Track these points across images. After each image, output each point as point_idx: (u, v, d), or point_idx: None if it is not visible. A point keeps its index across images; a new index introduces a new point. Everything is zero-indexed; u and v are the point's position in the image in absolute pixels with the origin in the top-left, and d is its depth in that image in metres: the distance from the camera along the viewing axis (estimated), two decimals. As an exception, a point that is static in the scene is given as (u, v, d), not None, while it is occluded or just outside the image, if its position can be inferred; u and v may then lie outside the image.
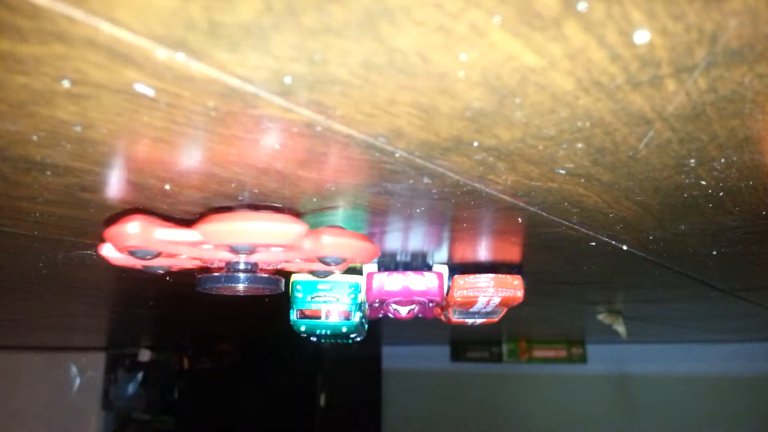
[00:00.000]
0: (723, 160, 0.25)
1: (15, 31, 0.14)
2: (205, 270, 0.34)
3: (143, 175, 0.25)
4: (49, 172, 0.24)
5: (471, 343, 2.02)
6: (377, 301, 0.46)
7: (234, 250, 0.29)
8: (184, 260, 0.33)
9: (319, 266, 0.35)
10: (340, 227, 0.33)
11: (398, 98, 0.19)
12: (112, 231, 0.28)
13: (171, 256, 0.32)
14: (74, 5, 0.14)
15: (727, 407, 1.67)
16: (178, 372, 1.92)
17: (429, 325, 1.22)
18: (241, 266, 0.33)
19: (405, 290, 0.45)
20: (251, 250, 0.29)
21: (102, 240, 0.32)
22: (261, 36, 0.15)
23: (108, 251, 0.32)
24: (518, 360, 1.92)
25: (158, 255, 0.30)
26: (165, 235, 0.28)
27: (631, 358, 1.81)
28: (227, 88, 0.17)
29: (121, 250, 0.29)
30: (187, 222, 0.31)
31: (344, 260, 0.32)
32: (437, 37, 0.15)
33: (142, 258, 0.30)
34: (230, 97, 0.18)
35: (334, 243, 0.31)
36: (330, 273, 0.38)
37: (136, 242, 0.28)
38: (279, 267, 0.36)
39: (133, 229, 0.28)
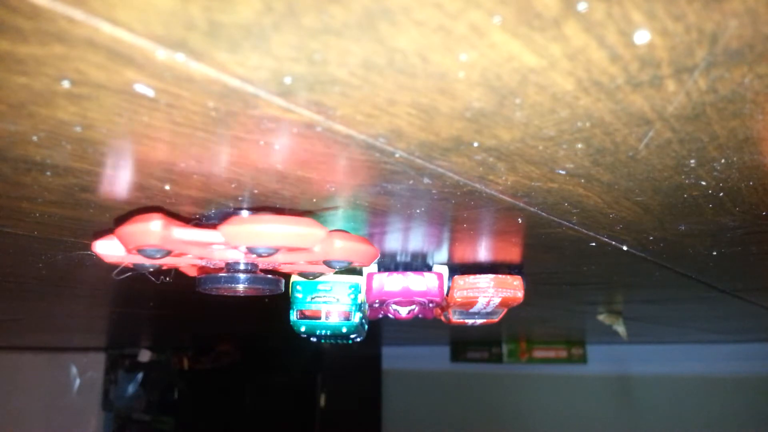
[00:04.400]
0: (723, 161, 0.25)
1: (15, 31, 0.14)
2: (202, 270, 0.34)
3: (143, 176, 0.25)
4: (49, 173, 0.24)
5: (471, 343, 2.02)
6: (377, 301, 0.46)
7: (253, 252, 0.28)
8: (186, 260, 0.33)
9: (322, 268, 0.35)
10: (345, 231, 0.33)
11: (398, 98, 0.19)
12: (129, 229, 0.28)
13: (179, 255, 0.31)
14: (74, 5, 0.14)
15: (727, 407, 1.67)
16: (178, 372, 1.92)
17: (429, 326, 1.22)
18: (241, 267, 0.33)
19: (405, 291, 0.45)
20: (272, 253, 0.29)
21: (96, 238, 0.32)
22: (261, 36, 0.15)
23: (103, 248, 0.31)
24: (518, 360, 1.92)
25: (168, 254, 0.30)
26: (183, 234, 0.28)
27: (632, 359, 1.81)
28: (227, 88, 0.17)
29: (132, 248, 0.29)
30: (186, 221, 0.31)
31: (350, 264, 0.33)
32: (437, 37, 0.15)
33: (151, 257, 0.29)
34: (230, 97, 0.18)
35: (344, 247, 0.31)
36: (320, 275, 0.38)
37: (156, 241, 0.28)
38: (277, 268, 0.36)
39: (155, 227, 0.27)
